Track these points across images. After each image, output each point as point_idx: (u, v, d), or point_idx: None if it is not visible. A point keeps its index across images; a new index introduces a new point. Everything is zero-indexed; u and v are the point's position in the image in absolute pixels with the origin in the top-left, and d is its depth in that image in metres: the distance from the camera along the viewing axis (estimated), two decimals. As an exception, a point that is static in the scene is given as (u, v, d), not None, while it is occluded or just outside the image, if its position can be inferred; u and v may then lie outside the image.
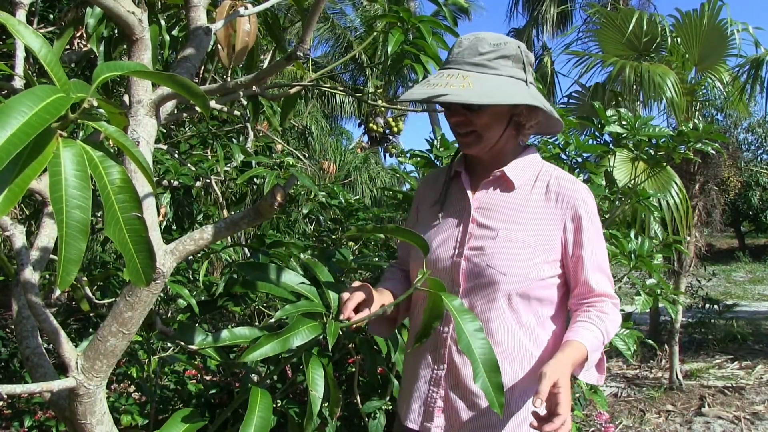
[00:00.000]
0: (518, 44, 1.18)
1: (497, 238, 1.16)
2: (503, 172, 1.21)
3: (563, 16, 12.25)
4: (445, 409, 1.19)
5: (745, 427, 3.84)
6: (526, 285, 1.14)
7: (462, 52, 1.16)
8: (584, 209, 1.17)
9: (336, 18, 12.60)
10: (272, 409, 1.11)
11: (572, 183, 1.20)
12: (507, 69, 1.15)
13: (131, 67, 0.68)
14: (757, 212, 14.90)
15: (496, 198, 1.22)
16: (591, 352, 1.11)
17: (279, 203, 0.92)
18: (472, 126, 1.17)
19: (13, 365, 3.45)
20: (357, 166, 10.99)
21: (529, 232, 1.16)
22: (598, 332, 1.13)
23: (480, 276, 1.15)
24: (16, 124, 0.50)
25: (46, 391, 0.84)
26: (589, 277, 1.17)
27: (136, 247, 0.64)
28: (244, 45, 1.25)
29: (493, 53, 1.14)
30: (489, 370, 0.97)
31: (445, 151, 2.30)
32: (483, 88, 1.10)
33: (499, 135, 1.19)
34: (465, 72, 1.14)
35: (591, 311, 1.16)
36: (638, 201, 2.28)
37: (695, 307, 6.33)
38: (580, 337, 1.11)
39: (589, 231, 1.17)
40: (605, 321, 1.15)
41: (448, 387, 1.19)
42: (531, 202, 1.19)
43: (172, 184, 2.20)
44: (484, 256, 1.15)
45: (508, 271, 1.13)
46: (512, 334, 1.15)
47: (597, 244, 1.18)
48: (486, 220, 1.19)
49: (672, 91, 4.15)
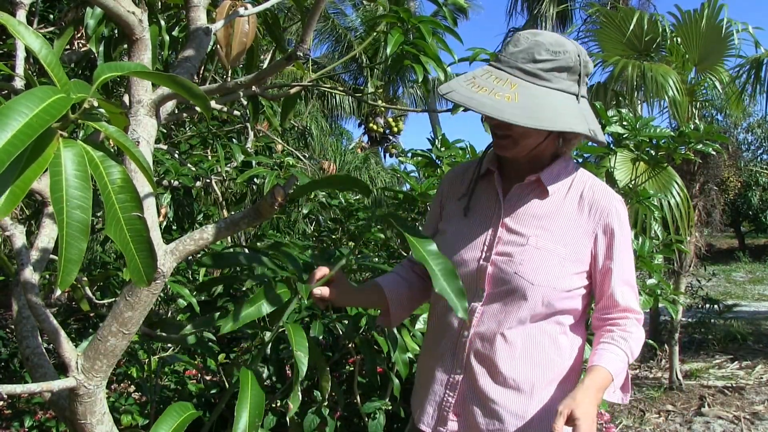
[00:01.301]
0: (578, 53, 1.11)
1: (527, 246, 1.12)
2: (539, 178, 1.16)
3: (563, 15, 12.25)
4: (460, 414, 1.17)
5: (745, 427, 3.84)
6: (552, 295, 1.11)
7: (516, 54, 1.08)
8: (617, 221, 1.14)
9: (336, 18, 12.60)
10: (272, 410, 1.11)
11: (606, 193, 1.16)
12: (560, 82, 1.08)
13: (131, 67, 0.68)
14: (757, 212, 14.89)
15: (528, 204, 1.17)
16: (616, 376, 1.09)
17: (279, 203, 0.92)
18: (509, 131, 1.11)
19: (13, 365, 3.45)
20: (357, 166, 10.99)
21: (560, 241, 1.12)
22: (623, 354, 1.11)
23: (506, 283, 1.12)
24: (17, 125, 0.50)
25: (46, 391, 0.84)
26: (615, 291, 1.14)
27: (137, 246, 0.64)
28: (242, 45, 1.25)
29: (549, 63, 1.07)
30: (447, 275, 0.96)
31: (445, 150, 2.30)
32: (529, 104, 1.04)
33: (537, 143, 1.13)
34: (514, 79, 1.07)
35: (615, 331, 1.13)
36: (639, 201, 2.28)
37: (695, 307, 6.33)
38: (605, 362, 1.08)
39: (620, 244, 1.13)
40: (629, 341, 1.12)
41: (465, 392, 1.16)
42: (563, 210, 1.15)
43: (173, 184, 2.20)
44: (513, 263, 1.12)
45: (536, 280, 1.10)
46: (533, 342, 1.13)
47: (626, 258, 1.15)
48: (517, 225, 1.15)
49: (674, 90, 4.15)
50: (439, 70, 1.59)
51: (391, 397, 1.81)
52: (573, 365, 1.18)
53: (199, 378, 2.61)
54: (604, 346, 1.12)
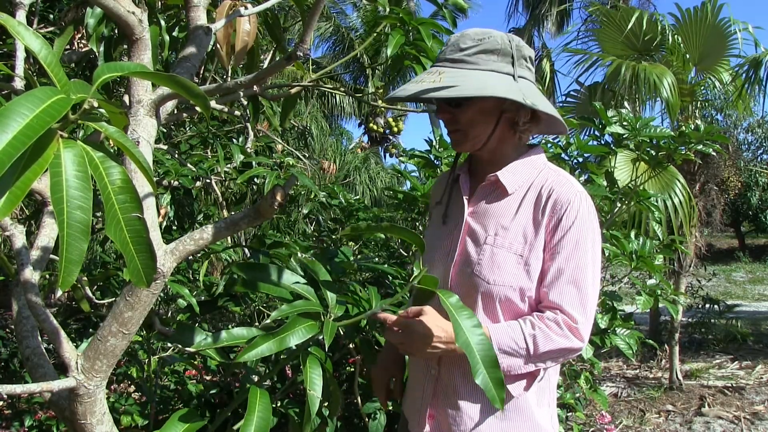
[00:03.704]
0: (506, 37, 1.12)
1: (484, 245, 1.12)
2: (497, 176, 1.16)
3: (563, 15, 12.25)
4: (436, 415, 1.17)
5: (745, 427, 3.84)
6: (511, 294, 1.09)
7: (445, 50, 1.13)
8: (572, 216, 1.08)
9: (337, 18, 12.60)
10: (272, 410, 1.11)
11: (565, 188, 1.11)
12: (490, 63, 1.10)
13: (131, 67, 0.67)
14: (757, 212, 14.90)
15: (488, 203, 1.17)
16: (498, 351, 1.03)
17: (279, 203, 0.92)
18: (457, 123, 1.14)
19: (13, 365, 3.45)
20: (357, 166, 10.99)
21: (517, 239, 1.11)
22: (521, 338, 1.05)
23: (465, 283, 1.13)
24: (17, 126, 0.50)
25: (46, 391, 0.84)
26: (551, 287, 1.08)
27: (136, 247, 0.64)
28: (243, 45, 1.25)
29: (474, 48, 1.10)
30: (488, 365, 0.95)
31: (444, 151, 2.30)
32: (452, 81, 1.06)
33: (488, 133, 1.14)
34: (442, 68, 1.10)
35: (531, 318, 1.07)
36: (639, 201, 2.28)
37: (695, 307, 6.33)
38: (494, 329, 1.05)
39: (571, 240, 1.08)
40: (538, 331, 1.05)
41: (438, 393, 1.17)
42: (522, 208, 1.14)
43: (172, 184, 2.20)
44: (471, 264, 1.12)
45: (492, 279, 1.09)
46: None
47: (579, 257, 1.08)
48: (477, 226, 1.16)
49: (668, 91, 4.14)
50: (439, 70, 1.59)
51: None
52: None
53: (199, 378, 2.61)
54: (509, 323, 1.07)
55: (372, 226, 1.10)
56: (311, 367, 1.17)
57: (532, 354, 1.05)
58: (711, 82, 4.79)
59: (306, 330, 1.11)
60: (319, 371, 1.17)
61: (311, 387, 1.14)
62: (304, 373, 1.16)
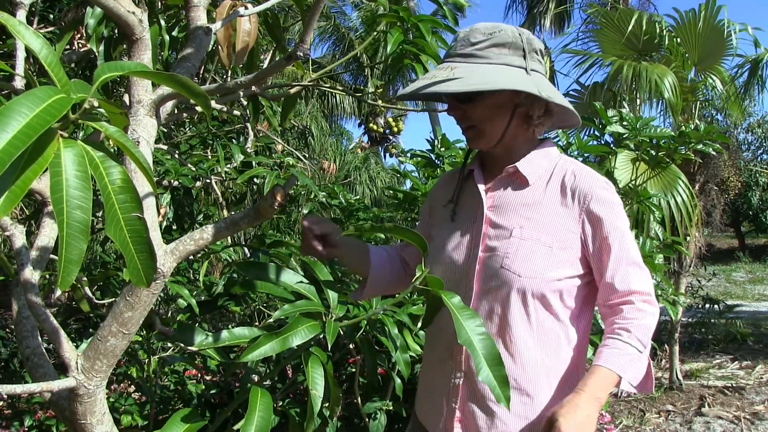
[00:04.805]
0: (517, 31, 1.11)
1: (511, 238, 1.10)
2: (516, 167, 1.15)
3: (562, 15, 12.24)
4: (463, 419, 1.14)
5: (745, 427, 3.84)
6: (542, 286, 1.08)
7: (455, 46, 1.12)
8: (602, 203, 1.10)
9: (337, 18, 12.61)
10: (273, 409, 1.11)
11: (589, 177, 1.13)
12: (501, 57, 1.08)
13: (132, 67, 0.67)
14: (757, 212, 14.91)
15: (509, 195, 1.15)
16: (623, 371, 1.05)
17: (279, 203, 0.92)
18: (469, 120, 1.13)
19: (13, 365, 3.45)
20: (357, 166, 11.00)
21: (545, 230, 1.10)
22: (628, 347, 1.06)
23: (494, 278, 1.10)
24: (17, 125, 0.50)
25: (46, 391, 0.84)
26: (614, 275, 1.09)
27: (136, 247, 0.63)
28: (244, 44, 1.25)
29: (485, 42, 1.09)
30: (492, 363, 0.93)
31: (446, 150, 2.30)
32: (466, 75, 1.05)
33: (502, 128, 1.13)
34: (454, 63, 1.09)
35: (616, 323, 1.09)
36: (639, 201, 2.28)
37: (695, 307, 6.33)
38: (604, 359, 1.05)
39: (610, 225, 1.09)
40: (633, 330, 1.07)
41: (466, 396, 1.14)
42: (546, 198, 1.13)
43: (172, 184, 2.20)
44: (498, 257, 1.10)
45: (523, 271, 1.07)
46: (531, 335, 1.10)
47: (622, 238, 1.09)
48: (500, 219, 1.14)
49: (670, 91, 4.14)
50: (439, 70, 1.59)
51: (392, 397, 1.81)
52: (573, 359, 1.14)
53: (199, 378, 2.61)
54: (606, 341, 1.08)
55: (375, 226, 1.10)
56: (313, 367, 1.17)
57: (643, 348, 1.08)
58: (711, 82, 4.80)
59: (308, 330, 1.11)
60: (321, 371, 1.17)
61: (313, 386, 1.14)
62: (306, 372, 1.16)
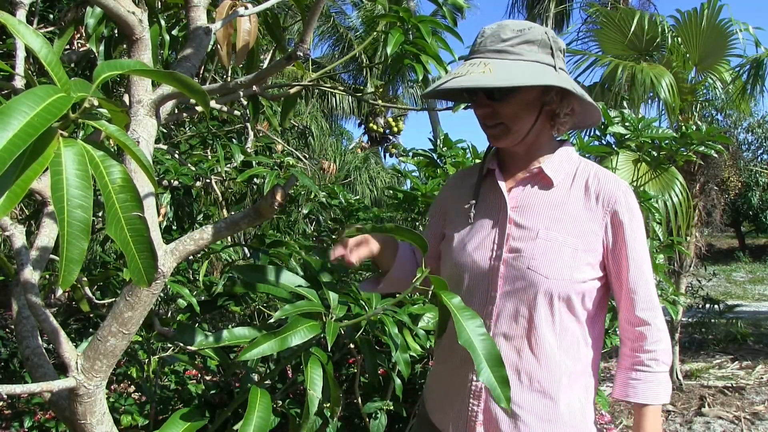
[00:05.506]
0: (545, 30, 1.12)
1: (537, 239, 1.09)
2: (541, 168, 1.14)
3: (562, 14, 12.25)
4: (486, 423, 1.13)
5: (745, 427, 3.84)
6: (568, 287, 1.07)
7: (484, 41, 1.11)
8: (626, 208, 1.11)
9: (337, 17, 12.61)
10: (272, 410, 1.11)
11: (612, 180, 1.13)
12: (532, 54, 1.09)
13: (131, 65, 0.67)
14: (757, 212, 14.92)
15: (533, 196, 1.15)
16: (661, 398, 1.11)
17: (279, 203, 0.92)
18: (498, 117, 1.11)
19: (13, 365, 3.45)
20: (357, 166, 11.00)
21: (570, 232, 1.09)
22: (658, 375, 1.12)
23: (520, 279, 1.09)
24: (18, 124, 0.50)
25: (46, 391, 0.84)
26: (635, 288, 1.12)
27: (137, 246, 0.63)
28: (244, 44, 1.25)
29: (516, 38, 1.08)
30: (492, 364, 0.93)
31: (448, 150, 2.30)
32: (502, 71, 1.05)
33: (529, 126, 1.12)
34: (487, 59, 1.08)
35: (644, 352, 1.13)
36: (640, 202, 2.28)
37: (695, 307, 6.33)
38: (644, 397, 1.11)
39: (632, 231, 1.10)
40: (659, 355, 1.12)
41: (489, 398, 1.12)
42: (570, 199, 1.12)
43: (172, 184, 2.20)
44: (524, 258, 1.09)
45: (550, 273, 1.07)
46: (555, 337, 1.10)
47: (641, 246, 1.12)
48: (524, 219, 1.13)
49: (667, 92, 4.14)
50: (440, 69, 1.59)
51: (393, 397, 1.80)
52: (589, 361, 1.15)
53: (199, 378, 2.61)
54: (638, 375, 1.12)
55: (376, 227, 1.10)
56: (312, 368, 1.17)
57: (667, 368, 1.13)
58: (711, 82, 4.80)
59: (308, 330, 1.11)
60: (320, 371, 1.17)
61: (311, 387, 1.14)
62: (305, 373, 1.16)
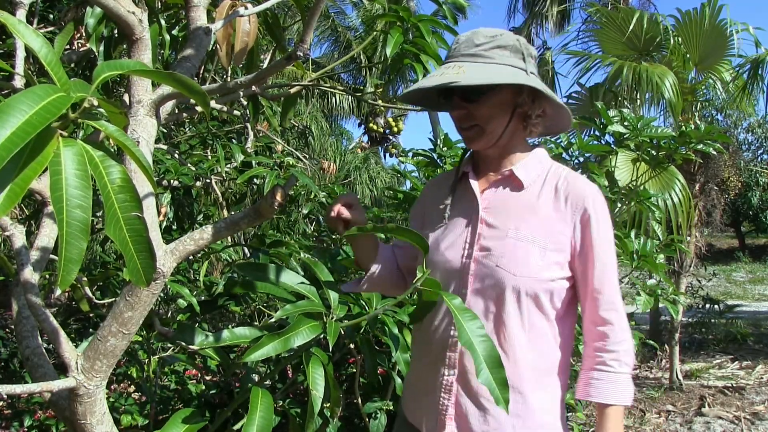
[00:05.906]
0: (516, 37, 1.17)
1: (507, 238, 1.13)
2: (511, 171, 1.19)
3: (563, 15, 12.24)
4: (457, 417, 1.15)
5: (745, 427, 3.84)
6: (535, 285, 1.11)
7: (459, 47, 1.16)
8: (593, 210, 1.14)
9: (336, 17, 12.61)
10: (273, 409, 1.11)
11: (582, 184, 1.17)
12: (504, 58, 1.14)
13: (131, 65, 0.67)
14: (757, 212, 14.92)
15: (505, 197, 1.19)
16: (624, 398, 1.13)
17: (279, 203, 0.92)
18: (473, 119, 1.16)
19: (13, 365, 3.45)
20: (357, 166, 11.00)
21: (539, 232, 1.13)
22: (620, 375, 1.13)
23: (489, 276, 1.13)
24: (17, 122, 0.50)
25: (46, 391, 0.84)
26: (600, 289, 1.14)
27: (136, 246, 0.63)
28: (243, 45, 1.25)
29: (489, 43, 1.14)
30: (492, 365, 0.94)
31: (448, 150, 2.30)
32: (474, 71, 1.10)
33: (503, 127, 1.17)
34: (461, 63, 1.13)
35: (606, 353, 1.15)
36: (639, 201, 2.28)
37: (695, 307, 6.33)
38: (605, 397, 1.12)
39: (598, 233, 1.13)
40: (622, 357, 1.14)
41: (459, 392, 1.15)
42: (541, 201, 1.17)
43: (172, 184, 2.20)
44: (494, 257, 1.13)
45: (518, 271, 1.11)
46: (524, 333, 1.13)
47: (607, 249, 1.15)
48: (495, 219, 1.17)
49: (671, 92, 4.15)
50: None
51: (393, 397, 1.80)
52: (560, 359, 1.17)
53: (199, 378, 2.61)
54: (600, 375, 1.14)
55: (377, 227, 1.10)
56: (314, 368, 1.17)
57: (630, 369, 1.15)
58: (712, 82, 4.80)
59: (310, 330, 1.11)
60: (321, 371, 1.17)
61: (314, 387, 1.14)
62: (306, 373, 1.16)
